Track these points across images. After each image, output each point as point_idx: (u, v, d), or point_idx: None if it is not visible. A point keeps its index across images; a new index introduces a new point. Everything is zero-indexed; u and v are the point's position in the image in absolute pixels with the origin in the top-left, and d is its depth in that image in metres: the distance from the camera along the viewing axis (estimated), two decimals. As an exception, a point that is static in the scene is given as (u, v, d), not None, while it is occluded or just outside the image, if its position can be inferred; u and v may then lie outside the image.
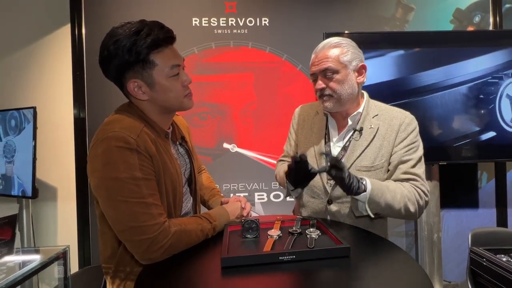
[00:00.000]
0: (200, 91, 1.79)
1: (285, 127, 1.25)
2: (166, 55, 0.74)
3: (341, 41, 0.95)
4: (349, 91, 0.94)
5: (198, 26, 1.80)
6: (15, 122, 1.61)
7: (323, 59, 0.93)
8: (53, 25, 1.81)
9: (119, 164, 0.67)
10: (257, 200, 1.84)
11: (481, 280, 1.19)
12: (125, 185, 0.67)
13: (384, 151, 0.94)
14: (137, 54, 0.71)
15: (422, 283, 0.57)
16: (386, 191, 0.88)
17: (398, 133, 0.94)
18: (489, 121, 1.62)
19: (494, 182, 1.92)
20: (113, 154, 0.67)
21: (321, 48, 0.96)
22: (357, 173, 0.94)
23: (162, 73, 0.74)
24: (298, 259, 0.65)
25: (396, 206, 0.88)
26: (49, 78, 1.83)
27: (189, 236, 0.73)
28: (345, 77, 0.93)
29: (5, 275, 1.06)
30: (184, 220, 0.76)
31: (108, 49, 0.72)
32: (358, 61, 0.95)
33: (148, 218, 0.67)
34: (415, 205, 0.90)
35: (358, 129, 0.97)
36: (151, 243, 0.67)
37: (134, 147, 0.68)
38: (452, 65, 1.60)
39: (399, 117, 0.96)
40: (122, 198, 0.67)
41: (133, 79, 0.74)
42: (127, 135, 0.69)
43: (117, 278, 0.77)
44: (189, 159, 0.91)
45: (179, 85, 0.78)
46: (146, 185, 0.69)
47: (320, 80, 0.95)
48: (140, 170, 0.68)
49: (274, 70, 1.83)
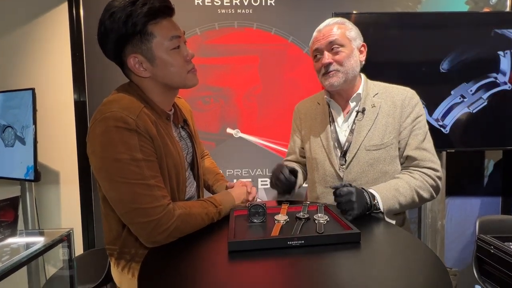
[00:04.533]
0: (203, 74, 1.74)
1: (290, 112, 1.21)
2: (164, 26, 0.71)
3: (344, 20, 0.97)
4: (354, 66, 0.94)
5: (201, 5, 1.72)
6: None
7: (328, 33, 0.93)
8: (50, 4, 1.74)
9: (119, 145, 0.65)
10: (260, 186, 1.83)
11: (488, 268, 1.19)
12: (125, 166, 0.64)
13: (391, 128, 0.94)
14: (133, 26, 0.68)
15: (436, 268, 0.55)
16: (398, 196, 0.87)
17: (403, 108, 0.94)
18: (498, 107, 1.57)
19: (500, 170, 1.89)
20: (112, 134, 0.65)
21: (325, 25, 0.96)
22: (367, 153, 0.94)
23: (162, 46, 0.71)
24: (307, 244, 0.63)
25: (411, 203, 0.89)
26: (47, 59, 1.77)
27: (194, 219, 0.72)
28: (350, 52, 0.93)
29: (9, 256, 1.06)
30: (189, 204, 0.74)
31: (104, 24, 0.69)
32: (360, 40, 0.97)
33: (151, 200, 0.65)
34: (429, 191, 0.91)
35: (361, 110, 0.96)
36: (155, 226, 0.65)
37: (134, 128, 0.66)
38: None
39: (401, 93, 0.96)
40: (123, 179, 0.65)
41: (133, 54, 0.71)
42: (126, 115, 0.66)
43: (122, 259, 0.76)
44: (191, 143, 0.88)
45: (181, 59, 0.74)
46: (148, 167, 0.67)
47: (326, 54, 0.93)
48: (140, 151, 0.66)
49: (280, 53, 1.77)
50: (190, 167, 0.88)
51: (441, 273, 0.53)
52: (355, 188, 0.81)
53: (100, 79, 1.71)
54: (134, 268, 0.75)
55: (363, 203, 0.80)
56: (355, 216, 0.77)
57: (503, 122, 1.58)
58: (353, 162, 0.95)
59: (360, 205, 0.79)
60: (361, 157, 0.94)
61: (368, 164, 0.94)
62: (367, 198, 0.82)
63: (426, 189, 0.91)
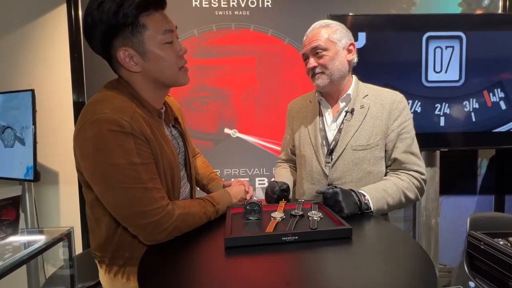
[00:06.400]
0: (201, 75, 1.76)
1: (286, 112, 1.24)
2: (157, 19, 0.69)
3: (330, 22, 0.99)
4: (340, 67, 0.97)
5: (199, 7, 1.75)
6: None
7: (313, 38, 0.97)
8: (49, 6, 1.76)
9: (114, 149, 0.63)
10: (258, 185, 1.85)
11: (478, 263, 1.22)
12: (122, 171, 0.63)
13: (378, 129, 0.97)
14: (125, 17, 0.65)
15: (423, 262, 0.58)
16: (387, 197, 0.91)
17: (391, 111, 0.97)
18: (491, 107, 1.60)
19: (493, 169, 1.93)
20: (106, 138, 0.62)
21: (311, 30, 1.00)
22: (353, 153, 0.97)
23: (154, 39, 0.68)
24: (300, 240, 0.66)
25: (398, 203, 0.93)
26: (46, 60, 1.79)
27: (193, 219, 0.73)
28: (335, 54, 0.96)
29: (11, 254, 1.08)
30: (188, 203, 0.75)
31: (91, 14, 0.65)
32: (347, 39, 0.98)
33: (150, 203, 0.65)
34: (415, 192, 0.96)
35: (350, 110, 0.99)
36: (155, 226, 0.66)
37: (129, 131, 0.64)
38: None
39: (390, 96, 0.99)
40: (121, 184, 0.63)
41: (124, 47, 0.68)
42: (120, 117, 0.63)
43: (114, 265, 0.75)
44: (183, 142, 0.86)
45: (173, 54, 0.72)
46: (145, 170, 0.66)
47: (311, 59, 0.98)
48: (137, 154, 0.65)
49: (276, 54, 1.79)
50: (184, 167, 0.87)
51: (426, 265, 0.56)
52: (340, 188, 0.84)
53: (99, 80, 1.71)
54: (129, 271, 0.74)
55: (352, 202, 0.83)
56: (346, 215, 0.80)
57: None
58: (339, 161, 0.98)
59: (348, 204, 0.81)
60: (346, 156, 0.97)
61: (353, 164, 0.97)
62: (355, 197, 0.84)
63: (413, 190, 0.95)
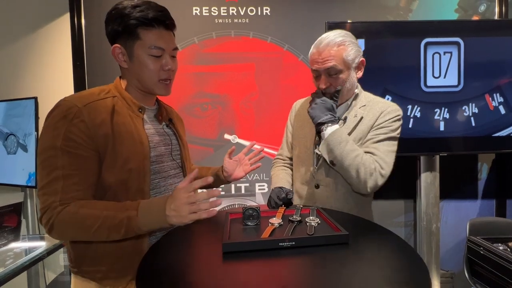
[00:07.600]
0: (201, 82, 1.78)
1: (286, 117, 1.25)
2: (153, 34, 0.77)
3: (344, 39, 0.94)
4: (350, 87, 0.99)
5: (199, 15, 1.78)
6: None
7: (327, 57, 0.94)
8: (52, 15, 1.79)
9: (48, 131, 0.70)
10: (257, 190, 1.86)
11: (478, 268, 1.21)
12: (44, 152, 0.69)
13: (363, 136, 0.99)
14: (124, 26, 0.76)
15: (419, 269, 0.59)
16: (345, 143, 0.92)
17: (378, 118, 0.98)
18: (490, 112, 1.61)
19: (494, 173, 1.93)
20: (49, 121, 0.71)
21: (324, 45, 0.94)
22: None
23: (143, 49, 0.77)
24: (298, 245, 0.66)
25: (348, 162, 0.91)
26: (49, 68, 1.82)
27: (80, 221, 0.66)
28: (347, 76, 0.97)
29: (12, 260, 1.08)
30: (91, 204, 0.68)
31: (110, 12, 0.79)
32: (359, 57, 0.98)
33: (47, 191, 0.68)
34: (368, 173, 0.91)
35: (343, 119, 1.01)
36: (42, 216, 0.69)
37: (71, 116, 0.70)
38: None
39: (383, 107, 1.00)
40: (40, 164, 0.70)
41: (119, 44, 0.79)
42: (74, 103, 0.71)
43: (106, 279, 0.76)
44: (176, 140, 0.91)
45: (158, 66, 0.79)
46: (65, 158, 0.68)
47: (324, 79, 0.97)
48: (63, 139, 0.68)
49: (276, 61, 1.82)
50: (181, 168, 0.91)
51: (420, 270, 0.57)
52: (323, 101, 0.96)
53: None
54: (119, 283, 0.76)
55: (322, 112, 0.94)
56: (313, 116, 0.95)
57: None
58: (325, 163, 1.00)
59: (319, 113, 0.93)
60: None
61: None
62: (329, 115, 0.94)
63: (369, 170, 0.91)
